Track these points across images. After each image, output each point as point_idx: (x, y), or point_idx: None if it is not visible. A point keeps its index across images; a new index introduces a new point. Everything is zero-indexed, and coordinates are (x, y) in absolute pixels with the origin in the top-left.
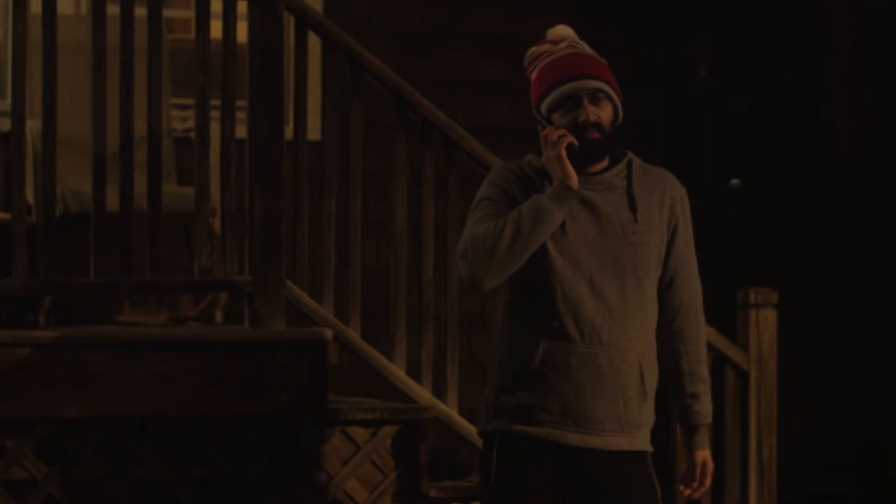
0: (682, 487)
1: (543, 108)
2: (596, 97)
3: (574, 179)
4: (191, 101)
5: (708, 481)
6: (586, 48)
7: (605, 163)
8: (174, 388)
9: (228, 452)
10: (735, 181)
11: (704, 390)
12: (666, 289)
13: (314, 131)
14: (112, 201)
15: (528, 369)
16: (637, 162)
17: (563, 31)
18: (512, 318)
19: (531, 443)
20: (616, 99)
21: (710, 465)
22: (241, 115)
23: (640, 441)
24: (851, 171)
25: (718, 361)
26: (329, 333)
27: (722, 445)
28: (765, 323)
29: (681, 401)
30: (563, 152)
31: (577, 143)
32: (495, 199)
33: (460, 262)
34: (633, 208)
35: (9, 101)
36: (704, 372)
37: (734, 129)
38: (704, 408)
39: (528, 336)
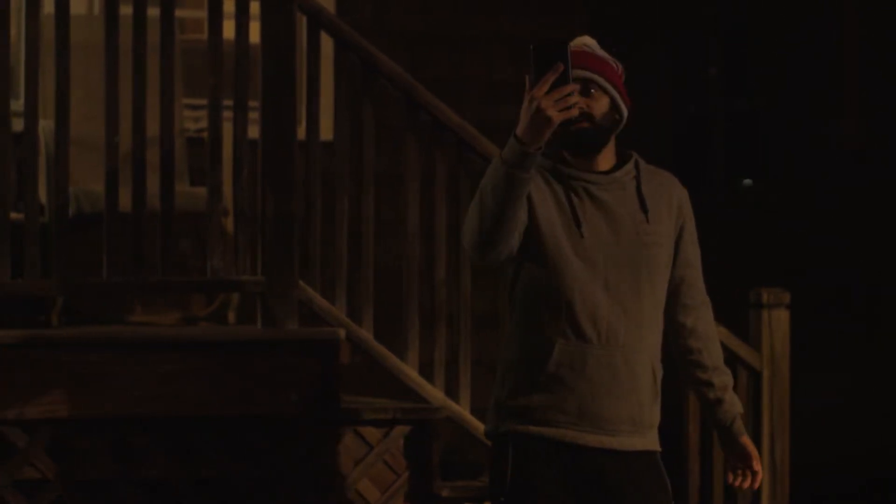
0: (734, 481)
1: None
2: (586, 88)
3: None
4: (203, 102)
5: (759, 467)
6: (597, 51)
7: (612, 161)
8: (186, 388)
9: (239, 453)
10: (747, 181)
11: (730, 382)
12: (678, 288)
13: (326, 131)
14: (125, 201)
15: (544, 370)
16: (642, 163)
17: (581, 41)
18: (525, 317)
19: (545, 444)
20: (614, 93)
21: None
22: (253, 116)
23: (651, 440)
24: (855, 171)
25: (730, 361)
26: (341, 333)
27: None
28: (777, 323)
29: (713, 395)
30: (560, 119)
31: (577, 120)
32: None
33: (463, 241)
34: (644, 209)
35: (22, 101)
36: (723, 364)
37: (739, 129)
38: (735, 398)
39: (542, 336)
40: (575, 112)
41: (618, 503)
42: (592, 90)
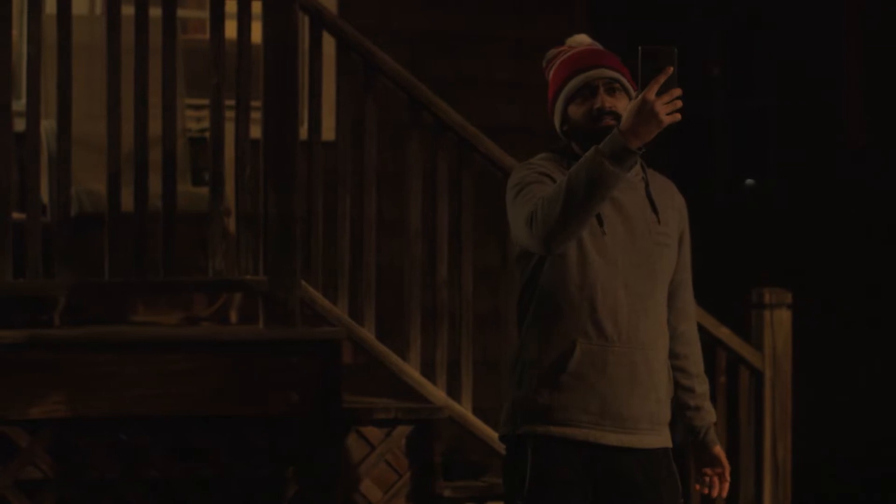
0: (703, 488)
1: (560, 100)
2: (611, 87)
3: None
4: (205, 102)
5: (728, 476)
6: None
7: None
8: (187, 388)
9: (241, 453)
10: (749, 181)
11: (708, 390)
12: (675, 292)
13: (328, 131)
14: (127, 202)
15: (565, 369)
16: (645, 165)
17: (580, 38)
18: (544, 317)
19: (566, 445)
20: (632, 93)
21: (727, 461)
22: (255, 116)
23: (666, 438)
24: (855, 171)
25: (733, 362)
26: (343, 333)
27: (737, 446)
28: (779, 323)
29: (692, 401)
30: (669, 122)
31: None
32: (540, 179)
33: (526, 229)
34: (654, 209)
35: (24, 101)
36: (703, 372)
37: (741, 128)
38: (712, 407)
39: (563, 335)
40: (679, 117)
41: (634, 501)
42: (617, 89)
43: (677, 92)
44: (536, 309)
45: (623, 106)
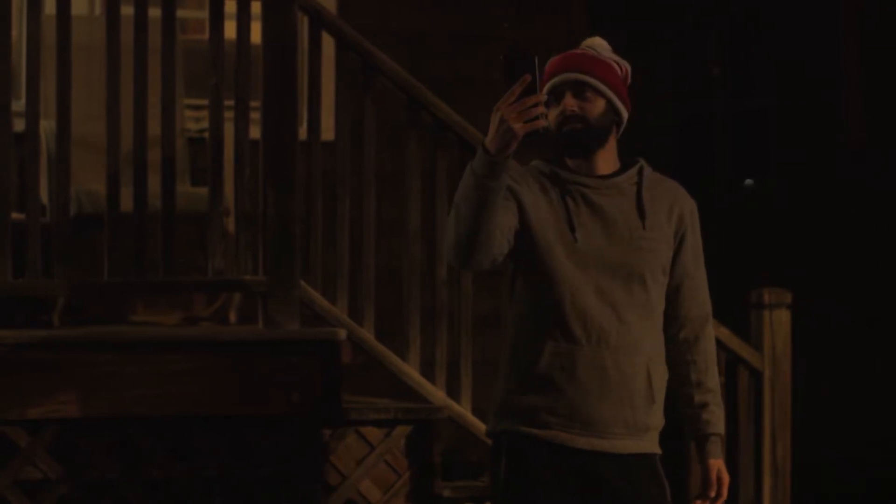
0: (698, 502)
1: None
2: (580, 91)
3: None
4: (205, 102)
5: (724, 493)
6: (602, 52)
7: (614, 166)
8: (187, 388)
9: (241, 453)
10: (749, 181)
11: (714, 400)
12: (672, 299)
13: (328, 131)
14: (126, 202)
15: (535, 371)
16: (648, 170)
17: (591, 41)
18: (520, 319)
19: (539, 444)
20: (610, 95)
21: (726, 476)
22: (255, 116)
23: (648, 443)
24: (855, 171)
25: (732, 362)
26: (343, 333)
27: (736, 445)
28: (778, 323)
29: (689, 412)
30: (524, 131)
31: (545, 130)
32: None
33: (444, 250)
34: (641, 215)
35: (23, 101)
36: (713, 383)
37: (741, 129)
38: (714, 417)
39: (535, 338)
40: (542, 123)
41: None
42: (587, 93)
43: (533, 100)
44: (515, 310)
45: (594, 109)
